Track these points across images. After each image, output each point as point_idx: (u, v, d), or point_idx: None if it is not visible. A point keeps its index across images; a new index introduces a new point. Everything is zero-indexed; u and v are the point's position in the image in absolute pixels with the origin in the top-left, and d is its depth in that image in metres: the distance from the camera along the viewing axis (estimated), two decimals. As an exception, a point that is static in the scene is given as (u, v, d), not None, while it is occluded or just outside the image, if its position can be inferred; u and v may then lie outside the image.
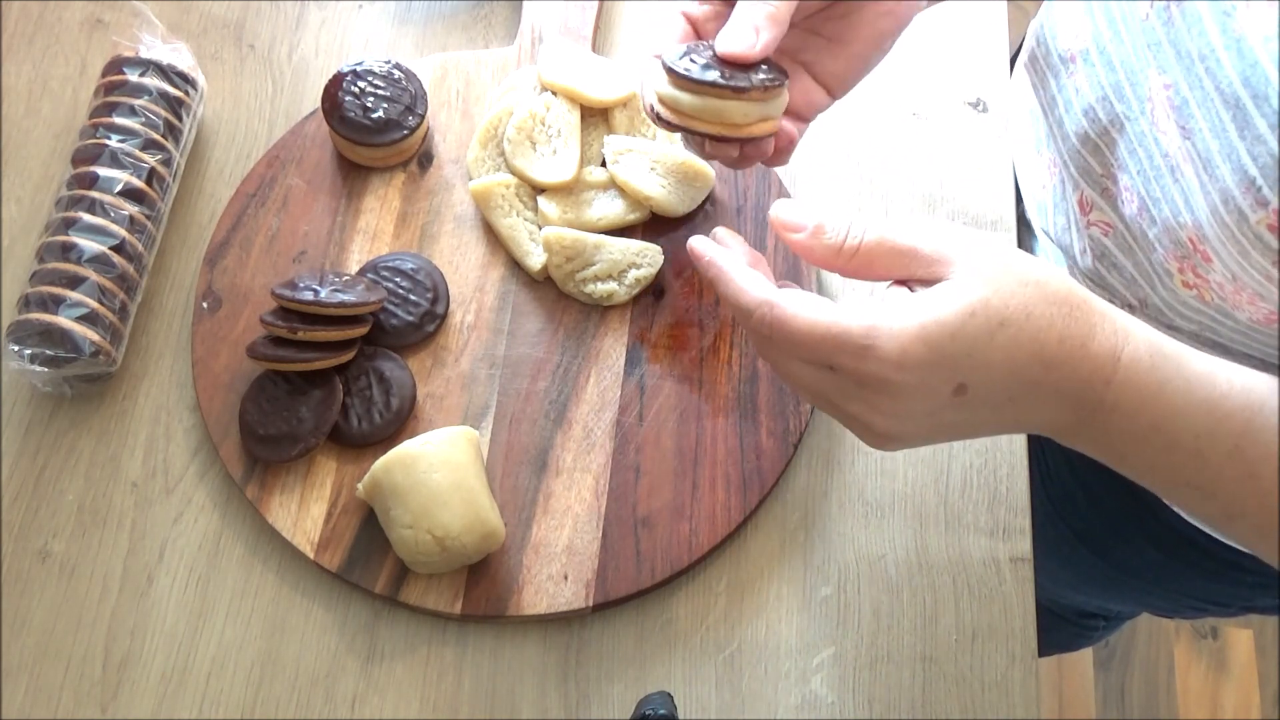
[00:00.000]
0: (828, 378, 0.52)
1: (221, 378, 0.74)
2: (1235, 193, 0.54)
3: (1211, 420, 0.51)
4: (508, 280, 0.78)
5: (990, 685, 0.69)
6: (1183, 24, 0.57)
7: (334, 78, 0.79)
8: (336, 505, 0.71)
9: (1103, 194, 0.67)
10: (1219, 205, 0.56)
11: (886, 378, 0.49)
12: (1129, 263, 0.67)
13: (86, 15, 0.87)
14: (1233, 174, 0.54)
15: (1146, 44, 0.61)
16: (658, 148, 0.79)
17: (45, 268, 0.73)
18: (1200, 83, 0.56)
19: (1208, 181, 0.56)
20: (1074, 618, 1.08)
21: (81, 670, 0.68)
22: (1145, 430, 0.51)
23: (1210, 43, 0.54)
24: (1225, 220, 0.55)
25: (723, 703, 0.68)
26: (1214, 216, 0.56)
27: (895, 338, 0.49)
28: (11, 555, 0.71)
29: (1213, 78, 0.54)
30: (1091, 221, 0.69)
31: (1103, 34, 0.66)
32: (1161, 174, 0.61)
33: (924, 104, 0.86)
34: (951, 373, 0.49)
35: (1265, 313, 0.58)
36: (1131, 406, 0.51)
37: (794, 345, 0.52)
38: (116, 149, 0.76)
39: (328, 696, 0.68)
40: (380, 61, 0.80)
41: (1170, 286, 0.64)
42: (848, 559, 0.72)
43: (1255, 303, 0.58)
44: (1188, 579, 0.86)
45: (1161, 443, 0.52)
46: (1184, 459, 0.52)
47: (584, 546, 0.70)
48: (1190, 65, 0.56)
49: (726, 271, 0.55)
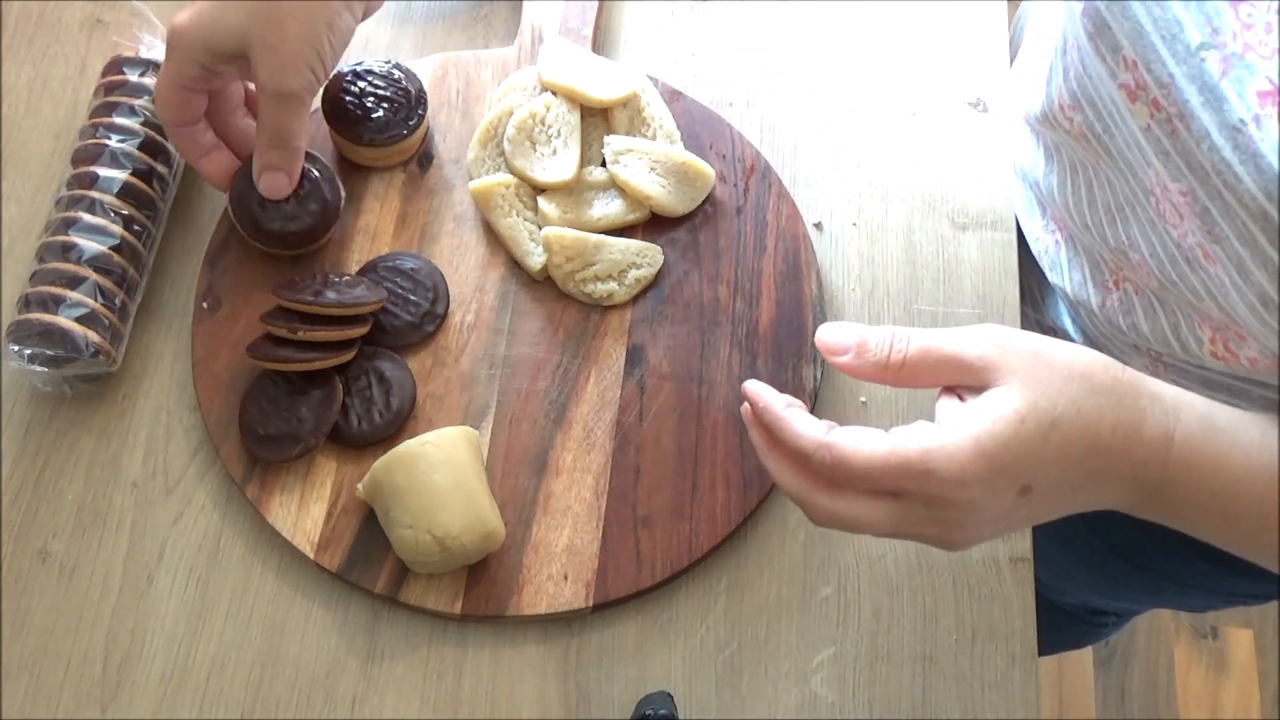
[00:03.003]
0: (895, 507, 0.53)
1: (221, 378, 0.74)
2: (1274, 294, 0.53)
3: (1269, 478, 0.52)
4: (508, 280, 0.78)
5: (990, 685, 0.69)
6: (1189, 138, 0.55)
7: (334, 78, 0.79)
8: (336, 505, 0.71)
9: (1124, 259, 0.66)
10: (1256, 305, 0.55)
11: (951, 497, 0.50)
12: (1164, 320, 0.66)
13: (86, 15, 0.87)
14: (1269, 280, 0.53)
15: (1154, 153, 0.58)
16: (658, 148, 0.79)
17: (45, 268, 0.73)
18: (1220, 194, 0.54)
19: (1242, 284, 0.55)
20: (1085, 615, 1.08)
21: (81, 670, 0.68)
22: (1207, 501, 0.53)
23: (1224, 158, 0.52)
24: (1265, 317, 0.55)
25: (723, 703, 0.68)
26: (1253, 314, 0.55)
27: (953, 457, 0.50)
28: (11, 555, 0.71)
29: (1233, 191, 0.53)
30: (1124, 278, 0.68)
31: (1094, 125, 0.64)
32: (1177, 261, 0.60)
33: (924, 104, 0.86)
34: (1014, 479, 0.51)
35: None
36: (1192, 481, 0.52)
37: (856, 481, 0.52)
38: (116, 149, 0.76)
39: (328, 696, 0.68)
40: (380, 61, 0.80)
41: (1198, 353, 0.63)
42: (848, 559, 0.72)
43: None
44: (1229, 579, 0.86)
45: (1224, 511, 0.53)
46: (1249, 525, 0.53)
47: (584, 546, 0.70)
48: (1206, 178, 0.54)
49: (784, 418, 0.55)
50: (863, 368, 0.55)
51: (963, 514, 0.51)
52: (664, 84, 0.83)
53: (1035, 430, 0.50)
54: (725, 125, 0.82)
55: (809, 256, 0.78)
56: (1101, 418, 0.51)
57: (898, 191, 0.83)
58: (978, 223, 0.82)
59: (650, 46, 0.87)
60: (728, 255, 0.78)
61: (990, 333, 0.53)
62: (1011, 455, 0.50)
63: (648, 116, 0.81)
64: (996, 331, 0.53)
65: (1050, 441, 0.50)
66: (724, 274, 0.77)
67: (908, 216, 0.82)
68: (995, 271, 0.80)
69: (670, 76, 0.86)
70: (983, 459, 0.50)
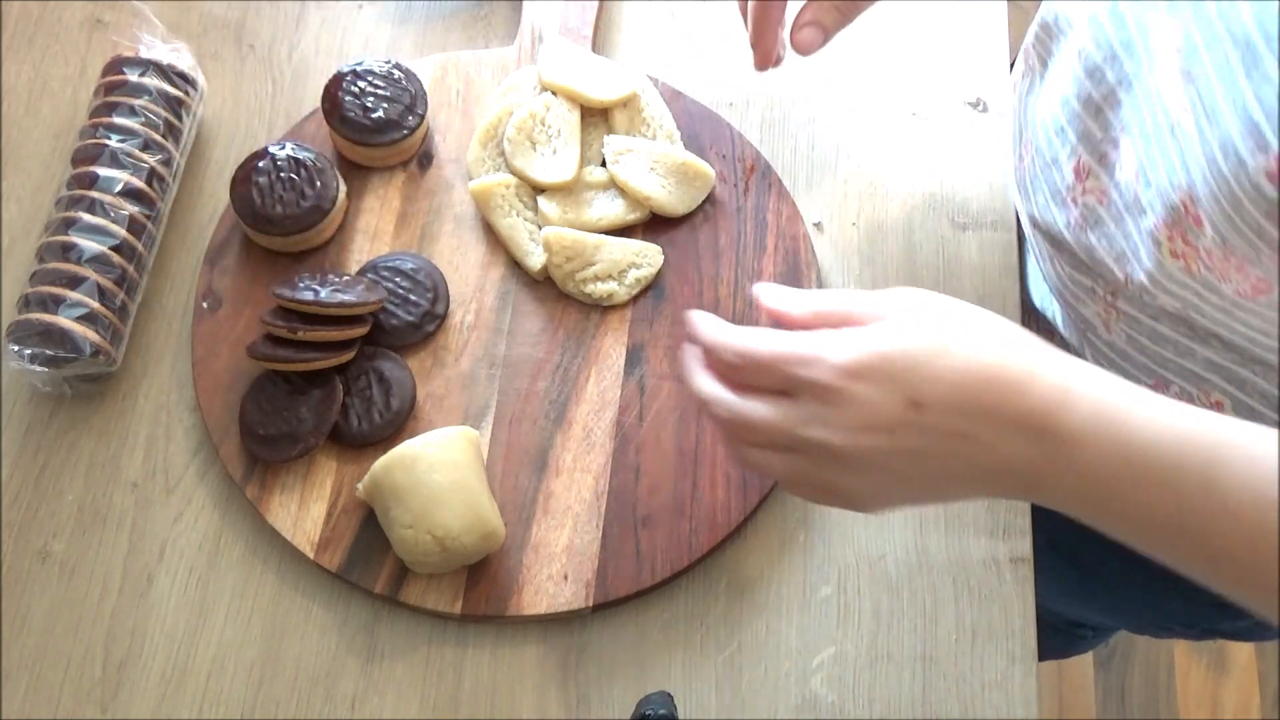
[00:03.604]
0: (791, 405, 0.54)
1: (221, 378, 0.74)
2: (1236, 140, 0.53)
3: (1179, 445, 0.50)
4: (508, 280, 0.78)
5: (990, 685, 0.69)
6: None
7: (334, 78, 0.79)
8: (336, 505, 0.71)
9: (1100, 160, 0.67)
10: (1217, 154, 0.55)
11: (840, 387, 0.52)
12: (1119, 233, 0.67)
13: (86, 15, 0.87)
14: (1236, 118, 0.53)
15: None
16: (658, 148, 0.79)
17: (45, 268, 0.73)
18: (1211, 25, 0.55)
19: (1207, 130, 0.56)
20: (1063, 625, 1.08)
21: (81, 670, 0.68)
22: (1117, 466, 0.51)
23: None
24: (1222, 170, 0.55)
25: (723, 703, 0.68)
26: (1210, 169, 0.56)
27: (846, 347, 0.53)
28: (11, 555, 0.71)
29: (1225, 20, 0.54)
30: (1087, 189, 0.69)
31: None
32: (1162, 133, 0.61)
33: (924, 104, 0.86)
34: (903, 384, 0.52)
35: (1253, 281, 0.58)
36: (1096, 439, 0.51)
37: (759, 370, 0.55)
38: (116, 149, 0.76)
39: (328, 696, 0.68)
40: (380, 61, 0.80)
41: (1158, 258, 0.63)
42: (848, 559, 0.72)
43: (1244, 269, 0.57)
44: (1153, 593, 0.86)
45: (1131, 477, 0.51)
46: (1155, 494, 0.51)
47: (584, 546, 0.70)
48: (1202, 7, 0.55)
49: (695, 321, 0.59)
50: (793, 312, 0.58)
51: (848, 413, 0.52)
52: (664, 84, 0.83)
53: (929, 347, 0.52)
54: (725, 125, 0.82)
55: (809, 256, 0.78)
56: (998, 354, 0.52)
57: (898, 191, 0.83)
58: (978, 223, 0.82)
59: (650, 46, 0.87)
60: (728, 255, 0.78)
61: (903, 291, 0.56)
62: (903, 360, 0.52)
63: (648, 116, 0.81)
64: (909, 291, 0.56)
65: (943, 360, 0.52)
66: (724, 274, 0.77)
67: (908, 216, 0.82)
68: (995, 271, 0.80)
69: (670, 76, 0.86)
70: (875, 354, 0.52)
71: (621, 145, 0.79)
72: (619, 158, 0.78)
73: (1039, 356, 0.53)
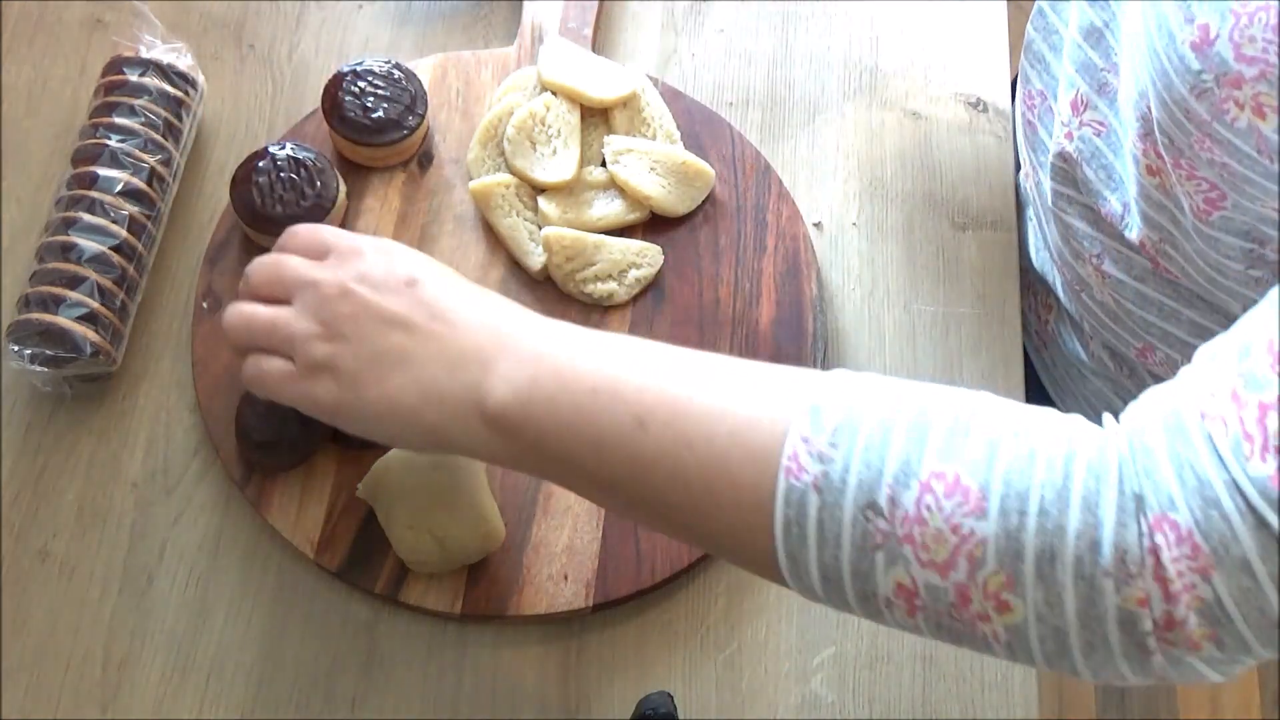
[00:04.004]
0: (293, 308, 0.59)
1: (221, 378, 0.74)
2: (1169, 14, 0.54)
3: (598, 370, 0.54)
4: (508, 280, 0.78)
5: (990, 685, 0.69)
6: None
7: (334, 78, 0.79)
8: (336, 505, 0.71)
9: (1100, 89, 0.67)
10: (1154, 35, 0.56)
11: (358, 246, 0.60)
12: (1115, 162, 0.68)
13: (86, 15, 0.87)
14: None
15: None
16: (658, 148, 0.79)
17: (45, 268, 0.73)
18: None
19: (1149, 13, 0.56)
20: None
21: (81, 670, 0.68)
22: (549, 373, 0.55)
23: None
24: (1158, 50, 0.55)
25: (723, 703, 0.68)
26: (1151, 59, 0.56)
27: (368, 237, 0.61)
28: (11, 555, 0.71)
29: None
30: (1084, 122, 0.69)
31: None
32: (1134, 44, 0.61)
33: (924, 104, 0.86)
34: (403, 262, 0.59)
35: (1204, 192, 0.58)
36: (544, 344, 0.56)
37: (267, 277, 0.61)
38: (116, 149, 0.76)
39: (328, 697, 0.68)
40: (380, 61, 0.80)
41: (1139, 178, 0.64)
42: (848, 559, 0.72)
43: (1194, 175, 0.58)
44: None
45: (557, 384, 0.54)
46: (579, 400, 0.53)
47: (584, 546, 0.70)
48: None
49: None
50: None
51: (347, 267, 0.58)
52: (664, 84, 0.83)
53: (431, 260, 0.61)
54: (725, 125, 0.82)
55: (809, 256, 0.78)
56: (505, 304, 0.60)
57: (898, 191, 0.83)
58: (978, 223, 0.82)
59: (650, 46, 0.87)
60: (728, 255, 0.78)
61: None
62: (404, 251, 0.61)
63: (648, 116, 0.81)
64: None
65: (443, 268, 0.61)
66: (724, 274, 0.77)
67: (908, 216, 0.82)
68: (995, 271, 0.80)
69: (670, 76, 0.86)
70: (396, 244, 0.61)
71: (621, 145, 0.79)
72: (619, 158, 0.78)
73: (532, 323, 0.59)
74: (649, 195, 0.78)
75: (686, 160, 0.79)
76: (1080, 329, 0.79)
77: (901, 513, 0.46)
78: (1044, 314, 0.83)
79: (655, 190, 0.78)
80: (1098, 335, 0.76)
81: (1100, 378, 0.79)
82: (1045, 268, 0.81)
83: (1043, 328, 0.84)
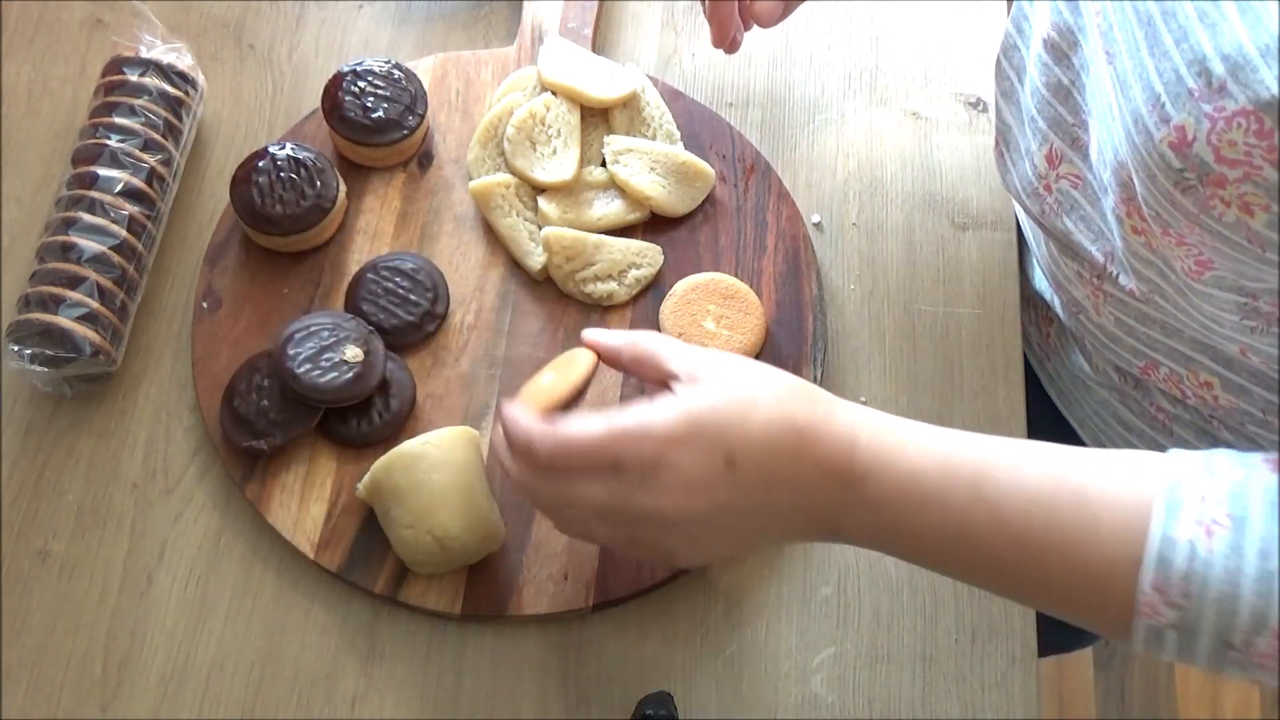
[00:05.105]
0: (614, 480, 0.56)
1: (221, 378, 0.73)
2: (1143, 112, 0.54)
3: (947, 466, 0.55)
4: (508, 280, 0.78)
5: (990, 685, 0.69)
6: None
7: (334, 78, 0.79)
8: (336, 505, 0.71)
9: (1073, 144, 0.68)
10: (1132, 128, 0.56)
11: (663, 455, 0.55)
12: (1095, 214, 0.68)
13: (86, 15, 0.87)
14: (1142, 93, 0.54)
15: None
16: (658, 148, 0.79)
17: (45, 268, 0.73)
18: (1122, 4, 0.56)
19: (1124, 105, 0.57)
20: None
21: (81, 670, 0.68)
22: (896, 493, 0.55)
23: None
24: (1136, 143, 0.56)
25: (723, 703, 0.68)
26: (1128, 143, 0.57)
27: (664, 417, 0.55)
28: (11, 555, 0.71)
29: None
30: (1061, 175, 0.69)
31: None
32: (1105, 112, 0.62)
33: (924, 104, 0.86)
34: (718, 443, 0.55)
35: (1194, 256, 0.58)
36: (878, 471, 0.55)
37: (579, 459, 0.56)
38: (116, 149, 0.76)
39: (328, 696, 0.68)
40: (380, 61, 0.80)
41: (1124, 235, 0.64)
42: (848, 559, 0.72)
43: (1183, 243, 0.58)
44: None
45: (913, 502, 0.55)
46: (936, 516, 0.55)
47: (584, 546, 0.70)
48: None
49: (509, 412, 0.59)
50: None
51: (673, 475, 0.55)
52: (664, 84, 0.83)
53: (738, 406, 0.56)
54: (725, 125, 0.82)
55: (809, 256, 0.78)
56: (797, 406, 0.57)
57: (898, 191, 0.83)
58: (978, 223, 0.82)
59: (650, 46, 0.87)
60: (728, 255, 0.78)
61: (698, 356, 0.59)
62: (716, 420, 0.55)
63: (648, 116, 0.81)
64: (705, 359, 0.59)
65: (751, 418, 0.55)
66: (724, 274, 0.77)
67: (908, 216, 0.82)
68: (995, 271, 0.80)
69: (670, 76, 0.86)
70: (690, 419, 0.55)
71: (621, 145, 0.79)
72: (619, 158, 0.78)
73: (830, 404, 0.58)
74: (649, 195, 0.78)
75: (686, 160, 0.79)
76: (1082, 344, 0.78)
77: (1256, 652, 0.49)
78: (1045, 328, 0.83)
79: (655, 190, 0.78)
80: (1099, 352, 0.76)
81: (1106, 389, 0.78)
82: (1043, 286, 0.81)
83: (1045, 341, 0.83)
